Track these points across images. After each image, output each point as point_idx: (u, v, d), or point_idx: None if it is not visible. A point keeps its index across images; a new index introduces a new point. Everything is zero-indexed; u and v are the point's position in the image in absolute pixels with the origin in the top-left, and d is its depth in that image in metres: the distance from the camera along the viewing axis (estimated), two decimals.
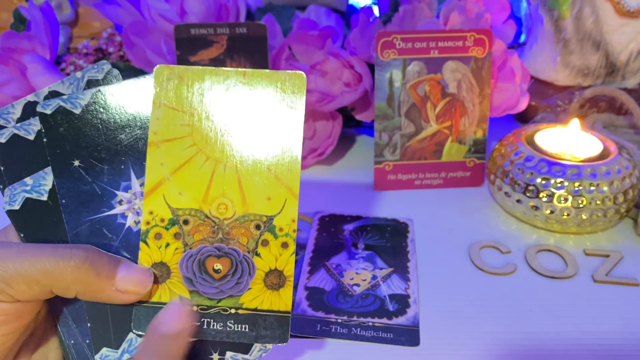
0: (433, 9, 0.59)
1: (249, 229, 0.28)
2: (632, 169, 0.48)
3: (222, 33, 0.55)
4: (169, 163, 0.27)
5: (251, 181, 0.28)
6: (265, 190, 0.28)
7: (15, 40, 0.58)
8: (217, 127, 0.28)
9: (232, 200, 0.28)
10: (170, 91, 0.28)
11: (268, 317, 0.28)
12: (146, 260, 0.28)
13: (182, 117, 0.28)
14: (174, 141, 0.28)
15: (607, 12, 0.62)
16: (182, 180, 0.27)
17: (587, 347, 0.38)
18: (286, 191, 0.28)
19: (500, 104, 0.58)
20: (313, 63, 0.57)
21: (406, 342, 0.38)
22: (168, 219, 0.27)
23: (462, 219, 0.52)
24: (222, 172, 0.28)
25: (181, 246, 0.28)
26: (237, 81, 0.28)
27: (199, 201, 0.28)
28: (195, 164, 0.28)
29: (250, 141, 0.28)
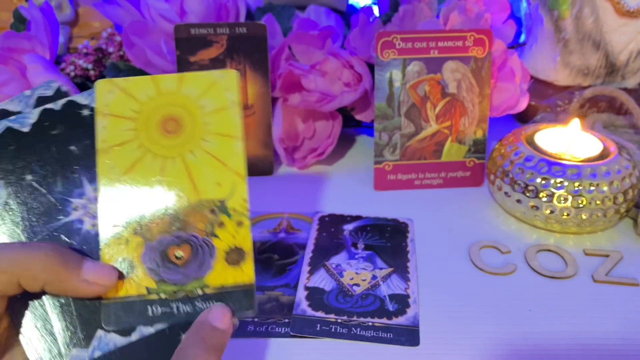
0: (433, 9, 0.59)
1: (204, 214, 0.30)
2: (632, 169, 0.48)
3: (222, 33, 0.55)
4: (119, 166, 0.29)
5: (200, 171, 0.30)
6: (214, 177, 0.30)
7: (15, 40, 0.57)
8: (160, 127, 0.30)
9: (184, 190, 0.30)
10: (113, 101, 0.30)
11: (234, 292, 0.29)
12: (108, 259, 0.29)
13: (126, 123, 0.30)
14: (122, 145, 0.30)
15: (607, 12, 0.62)
16: (134, 179, 0.29)
17: (587, 347, 0.38)
18: (234, 175, 0.30)
19: (500, 103, 0.58)
20: (313, 63, 0.57)
21: (406, 342, 0.38)
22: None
23: (462, 219, 0.52)
24: (172, 166, 0.30)
25: (141, 241, 0.29)
26: (174, 85, 0.30)
27: None
28: (145, 163, 0.30)
29: (193, 135, 0.30)
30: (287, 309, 0.41)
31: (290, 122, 0.59)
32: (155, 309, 0.29)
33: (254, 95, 0.57)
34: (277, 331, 0.39)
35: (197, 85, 0.30)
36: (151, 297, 0.29)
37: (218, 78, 0.30)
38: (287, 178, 0.59)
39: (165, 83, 0.30)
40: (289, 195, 0.55)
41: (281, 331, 0.39)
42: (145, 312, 0.29)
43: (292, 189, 0.57)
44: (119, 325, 0.29)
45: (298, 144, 0.60)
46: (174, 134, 0.30)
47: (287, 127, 0.59)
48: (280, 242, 0.48)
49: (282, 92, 0.58)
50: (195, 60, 0.55)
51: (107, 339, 0.28)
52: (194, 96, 0.30)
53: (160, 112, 0.30)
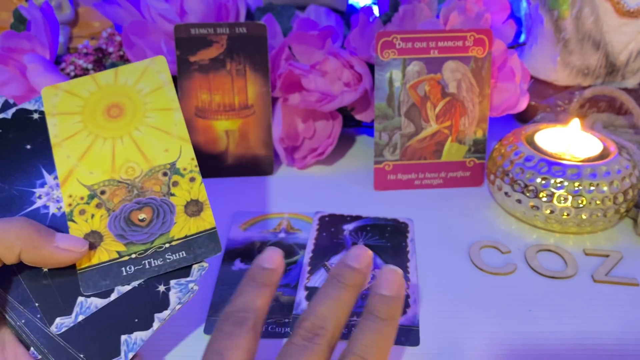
0: (433, 8, 0.59)
1: (158, 178, 0.33)
2: (632, 169, 0.48)
3: (222, 33, 0.55)
4: (74, 154, 0.33)
5: (147, 143, 0.33)
6: (161, 146, 0.34)
7: (15, 40, 0.57)
8: (105, 114, 0.34)
9: (136, 161, 0.33)
10: (59, 102, 0.34)
11: (198, 238, 0.33)
12: (77, 234, 0.32)
13: (74, 118, 0.34)
14: (73, 137, 0.33)
15: (607, 12, 0.62)
16: (89, 162, 0.33)
17: (587, 347, 0.38)
18: (179, 140, 0.34)
19: (500, 103, 0.58)
20: (313, 63, 0.57)
21: (406, 342, 0.38)
22: (87, 195, 0.33)
23: (462, 219, 0.52)
24: (121, 144, 0.33)
25: (105, 212, 0.33)
26: (111, 78, 0.34)
27: (109, 172, 0.33)
28: (96, 147, 0.33)
29: (136, 115, 0.34)
30: (288, 309, 0.41)
31: (290, 122, 0.59)
32: (129, 268, 0.32)
33: (254, 95, 0.57)
34: (277, 331, 0.39)
35: (131, 74, 0.34)
36: (123, 259, 0.32)
37: (149, 64, 0.35)
38: (287, 178, 0.59)
39: (103, 78, 0.34)
40: (289, 195, 0.55)
41: (281, 331, 0.39)
42: (120, 273, 0.32)
43: (292, 189, 0.57)
44: (97, 289, 0.31)
45: (298, 144, 0.60)
46: (119, 117, 0.34)
47: (287, 127, 0.59)
48: (280, 242, 0.48)
49: (282, 92, 0.58)
50: (195, 60, 0.55)
51: (87, 303, 0.31)
52: (131, 83, 0.34)
53: (102, 102, 0.34)
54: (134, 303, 0.31)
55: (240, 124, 0.58)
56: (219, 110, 0.57)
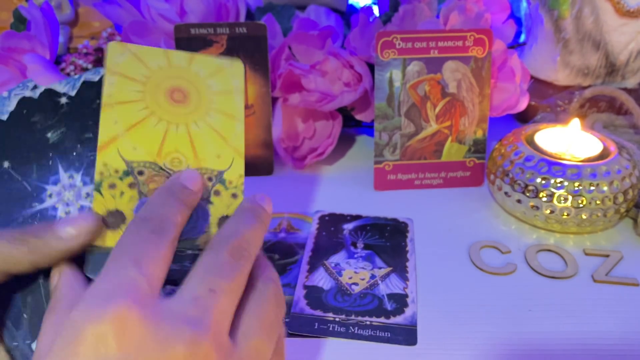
0: (433, 8, 0.59)
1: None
2: (632, 169, 0.48)
3: (222, 33, 0.55)
4: (122, 121, 0.29)
5: (202, 140, 0.30)
6: (215, 149, 0.30)
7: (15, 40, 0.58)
8: (167, 95, 0.30)
9: (185, 155, 0.30)
10: (124, 63, 0.30)
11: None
12: (100, 209, 0.29)
13: (135, 85, 0.30)
14: (128, 104, 0.30)
15: (606, 12, 0.62)
16: (136, 136, 0.29)
17: (587, 347, 0.38)
18: (233, 152, 0.31)
19: (500, 103, 0.58)
20: (313, 63, 0.57)
21: (404, 341, 0.38)
22: (122, 170, 0.29)
23: (462, 219, 0.52)
24: (175, 131, 0.30)
25: (136, 194, 0.29)
26: (184, 61, 0.31)
27: (153, 155, 0.30)
28: (149, 123, 0.30)
29: (199, 108, 0.31)
30: (288, 308, 0.41)
31: (290, 122, 0.59)
32: None
33: (254, 95, 0.57)
34: None
35: (205, 67, 0.31)
36: None
37: (226, 66, 0.31)
38: (287, 178, 0.59)
39: (176, 57, 0.31)
40: (289, 195, 0.55)
41: None
42: None
43: (292, 189, 0.57)
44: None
45: (298, 144, 0.60)
46: (181, 103, 0.30)
47: (287, 127, 0.59)
48: (280, 242, 0.48)
49: (282, 92, 0.58)
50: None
51: None
52: (202, 76, 0.31)
53: (169, 81, 0.30)
54: None
55: None
56: None
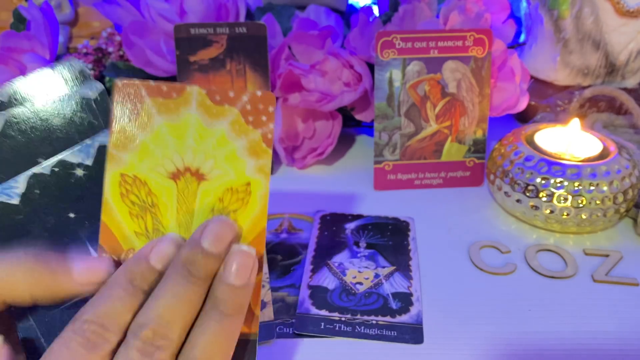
0: (433, 8, 0.59)
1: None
2: (631, 169, 0.48)
3: (221, 33, 0.55)
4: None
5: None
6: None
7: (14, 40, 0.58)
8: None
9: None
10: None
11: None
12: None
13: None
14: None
15: (606, 11, 0.62)
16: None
17: (587, 347, 0.38)
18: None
19: (500, 103, 0.58)
20: (313, 63, 0.57)
21: (410, 340, 0.38)
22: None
23: (462, 219, 0.52)
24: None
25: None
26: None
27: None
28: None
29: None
30: (294, 309, 0.41)
31: (290, 122, 0.59)
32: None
33: None
34: (285, 332, 0.39)
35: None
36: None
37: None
38: (287, 178, 0.59)
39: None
40: (289, 195, 0.55)
41: (288, 331, 0.39)
42: None
43: (292, 189, 0.57)
44: None
45: (298, 144, 0.60)
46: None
47: (287, 127, 0.59)
48: (282, 243, 0.48)
49: (282, 92, 0.58)
50: (195, 60, 0.55)
51: None
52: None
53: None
54: None
55: None
56: None
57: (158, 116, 0.26)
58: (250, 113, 0.26)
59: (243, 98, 0.26)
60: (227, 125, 0.26)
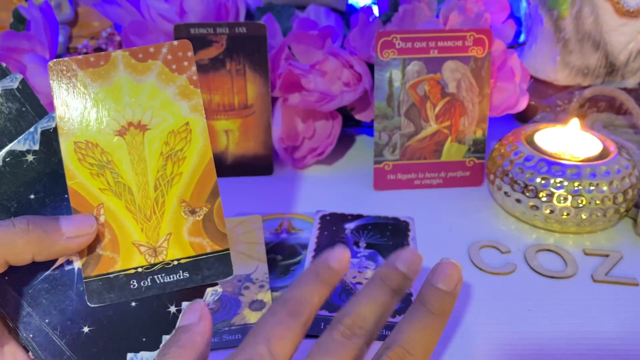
0: (433, 8, 0.59)
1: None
2: (631, 169, 0.48)
3: (221, 33, 0.55)
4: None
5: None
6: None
7: (14, 40, 0.57)
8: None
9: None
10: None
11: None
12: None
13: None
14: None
15: (606, 11, 0.62)
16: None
17: (587, 347, 0.38)
18: (258, 261, 0.34)
19: (499, 103, 0.58)
20: (313, 63, 0.57)
21: None
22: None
23: (462, 219, 0.52)
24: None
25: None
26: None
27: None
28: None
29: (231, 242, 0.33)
30: None
31: (290, 122, 0.59)
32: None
33: (253, 95, 0.57)
34: None
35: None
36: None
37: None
38: (287, 178, 0.59)
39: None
40: (289, 196, 0.55)
41: None
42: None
43: (292, 189, 0.57)
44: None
45: (298, 144, 0.60)
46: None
47: (287, 127, 0.59)
48: (282, 243, 0.48)
49: (282, 92, 0.58)
50: (195, 60, 0.55)
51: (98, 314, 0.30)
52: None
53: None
54: (143, 321, 0.30)
55: (240, 124, 0.58)
56: (218, 110, 0.57)
57: (93, 84, 0.29)
58: (172, 62, 0.30)
59: (163, 50, 0.30)
60: (155, 77, 0.30)
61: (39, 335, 0.29)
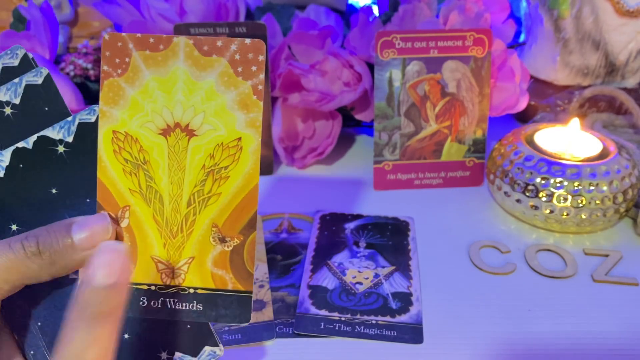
0: (432, 8, 0.59)
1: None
2: (631, 169, 0.48)
3: (221, 33, 0.55)
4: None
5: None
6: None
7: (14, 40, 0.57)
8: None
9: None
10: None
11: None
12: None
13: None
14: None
15: (606, 11, 0.62)
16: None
17: (586, 346, 0.38)
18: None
19: (499, 103, 0.58)
20: (313, 63, 0.57)
21: (410, 340, 0.38)
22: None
23: (462, 219, 0.52)
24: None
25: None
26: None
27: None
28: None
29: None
30: (294, 309, 0.41)
31: (290, 121, 0.59)
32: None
33: None
34: (285, 331, 0.39)
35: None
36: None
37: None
38: (287, 178, 0.59)
39: None
40: (289, 195, 0.55)
41: (288, 331, 0.39)
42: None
43: (292, 189, 0.57)
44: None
45: (298, 144, 0.60)
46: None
47: (287, 127, 0.59)
48: (282, 243, 0.48)
49: (281, 91, 0.58)
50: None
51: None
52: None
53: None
54: (134, 357, 0.28)
55: None
56: None
57: (146, 70, 0.26)
58: (239, 63, 0.26)
59: (231, 47, 0.25)
60: (216, 77, 0.26)
61: (41, 353, 0.28)
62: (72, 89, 0.57)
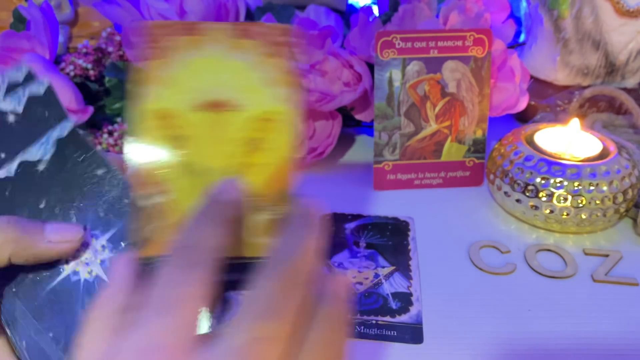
0: (432, 8, 0.59)
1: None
2: (631, 169, 0.48)
3: None
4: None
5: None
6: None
7: (14, 40, 0.57)
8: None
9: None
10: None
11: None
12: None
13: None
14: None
15: (606, 11, 0.62)
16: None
17: (586, 346, 0.38)
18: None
19: (499, 103, 0.58)
20: (313, 63, 0.57)
21: (410, 340, 0.38)
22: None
23: (462, 219, 0.52)
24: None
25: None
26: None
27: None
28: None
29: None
30: None
31: None
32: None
33: None
34: None
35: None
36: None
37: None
38: None
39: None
40: None
41: None
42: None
43: None
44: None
45: None
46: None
47: None
48: None
49: None
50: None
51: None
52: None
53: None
54: None
55: None
56: None
57: (185, 52, 0.27)
58: (273, 45, 0.28)
59: (265, 30, 0.28)
60: (254, 57, 0.27)
61: (39, 349, 0.28)
62: (72, 89, 0.57)
